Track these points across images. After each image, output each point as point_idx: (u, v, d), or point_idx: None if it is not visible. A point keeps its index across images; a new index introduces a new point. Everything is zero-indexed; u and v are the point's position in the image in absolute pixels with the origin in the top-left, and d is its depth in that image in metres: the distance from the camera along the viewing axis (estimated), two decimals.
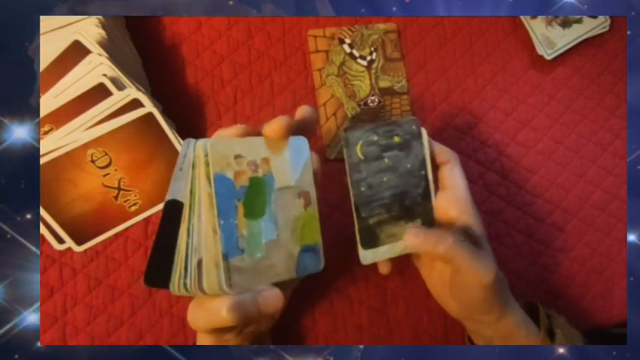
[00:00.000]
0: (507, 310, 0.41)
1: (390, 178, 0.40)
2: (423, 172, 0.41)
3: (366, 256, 0.40)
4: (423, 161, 0.41)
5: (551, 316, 0.44)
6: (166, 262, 0.34)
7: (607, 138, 0.56)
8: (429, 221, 0.41)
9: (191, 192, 0.34)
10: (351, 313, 0.50)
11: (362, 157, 0.39)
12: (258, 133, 0.37)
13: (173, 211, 0.34)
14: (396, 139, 0.40)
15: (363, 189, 0.39)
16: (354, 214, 0.39)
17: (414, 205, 0.41)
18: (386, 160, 0.40)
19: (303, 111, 0.39)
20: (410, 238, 0.39)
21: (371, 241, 0.40)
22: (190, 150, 0.34)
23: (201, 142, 0.34)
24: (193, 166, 0.34)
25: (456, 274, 0.39)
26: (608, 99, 0.57)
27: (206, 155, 0.33)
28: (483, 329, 0.42)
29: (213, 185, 0.33)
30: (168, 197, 0.35)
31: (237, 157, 0.35)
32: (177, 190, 0.34)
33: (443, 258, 0.39)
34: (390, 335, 0.50)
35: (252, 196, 0.35)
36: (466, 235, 0.40)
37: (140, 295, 0.48)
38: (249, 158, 0.35)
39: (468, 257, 0.38)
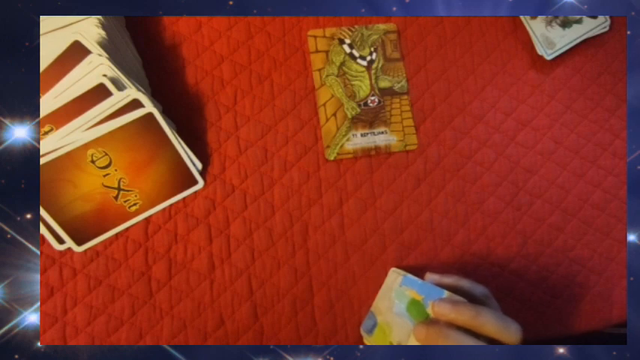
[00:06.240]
0: None
1: None
2: None
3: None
4: None
5: None
6: None
7: (607, 138, 0.56)
8: None
9: None
10: (351, 313, 0.50)
11: None
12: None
13: None
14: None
15: None
16: None
17: None
18: None
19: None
20: (436, 309, 0.40)
21: None
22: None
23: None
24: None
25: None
26: (608, 99, 0.57)
27: None
28: None
29: None
30: None
31: None
32: None
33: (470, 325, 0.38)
34: None
35: None
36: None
37: (140, 296, 0.48)
38: None
39: (495, 322, 0.38)
